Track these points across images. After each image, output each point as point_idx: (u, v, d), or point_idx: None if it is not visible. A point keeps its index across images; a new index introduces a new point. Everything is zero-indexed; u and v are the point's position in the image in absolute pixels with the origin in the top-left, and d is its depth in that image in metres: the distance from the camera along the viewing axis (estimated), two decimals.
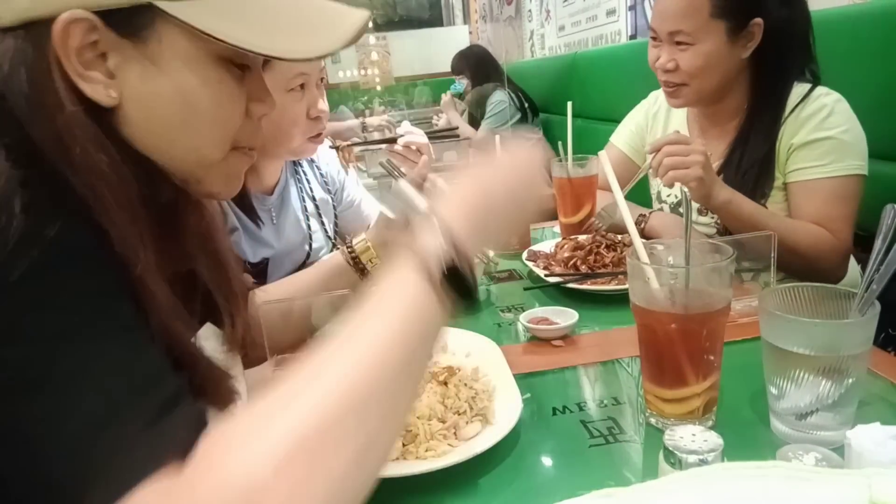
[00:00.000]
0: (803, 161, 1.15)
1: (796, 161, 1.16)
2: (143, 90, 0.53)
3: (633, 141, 1.52)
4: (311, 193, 1.51)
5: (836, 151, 1.13)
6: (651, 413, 0.71)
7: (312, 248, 1.47)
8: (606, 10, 3.00)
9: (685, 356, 0.66)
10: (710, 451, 0.53)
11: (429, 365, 0.58)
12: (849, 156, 1.13)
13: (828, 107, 1.14)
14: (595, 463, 0.66)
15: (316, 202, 1.51)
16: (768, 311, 0.64)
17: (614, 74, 2.49)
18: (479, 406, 0.71)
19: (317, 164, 1.54)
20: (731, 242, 0.71)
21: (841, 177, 1.13)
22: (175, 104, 0.55)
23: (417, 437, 0.67)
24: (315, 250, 1.48)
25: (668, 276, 0.68)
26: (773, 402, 0.67)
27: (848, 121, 1.14)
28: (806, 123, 1.15)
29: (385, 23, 5.91)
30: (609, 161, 0.86)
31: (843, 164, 1.13)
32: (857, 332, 0.61)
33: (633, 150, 1.52)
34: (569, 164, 1.40)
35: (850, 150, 1.13)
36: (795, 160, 1.17)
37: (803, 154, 1.15)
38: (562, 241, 1.27)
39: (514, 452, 0.68)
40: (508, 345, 0.94)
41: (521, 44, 4.61)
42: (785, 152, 1.18)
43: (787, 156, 1.18)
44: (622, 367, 0.86)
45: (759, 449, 0.64)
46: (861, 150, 1.14)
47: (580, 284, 1.10)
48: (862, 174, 1.14)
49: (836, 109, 1.14)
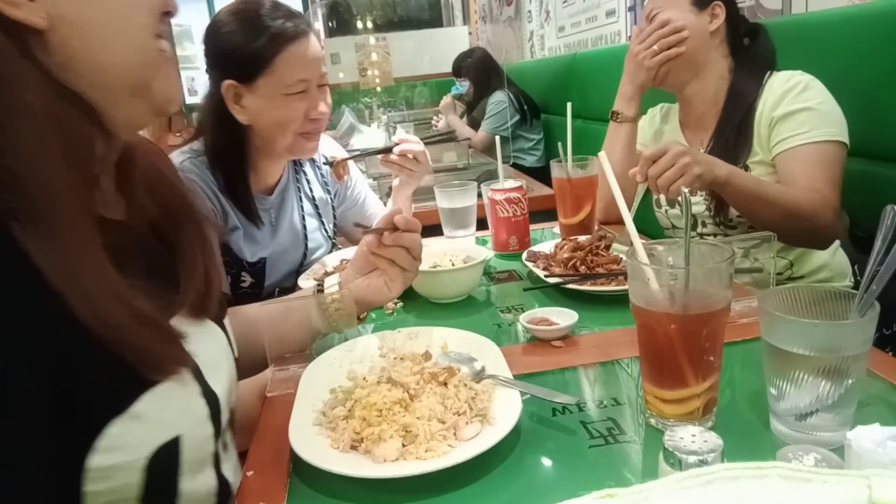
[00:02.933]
0: (785, 131, 1.23)
1: (779, 132, 1.24)
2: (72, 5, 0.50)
3: (643, 139, 1.58)
4: (311, 194, 1.50)
5: (814, 119, 1.20)
6: (651, 413, 0.71)
7: (309, 248, 1.46)
8: (606, 10, 3.00)
9: (685, 357, 0.66)
10: (709, 451, 0.53)
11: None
12: (826, 123, 1.20)
13: (803, 83, 1.24)
14: (595, 463, 0.66)
15: (315, 202, 1.51)
16: (768, 311, 0.64)
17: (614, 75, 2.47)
18: (479, 406, 0.71)
19: (318, 163, 1.53)
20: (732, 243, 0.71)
21: (822, 142, 1.19)
22: (111, 8, 0.52)
23: (417, 437, 0.67)
24: (311, 250, 1.47)
25: (667, 276, 0.68)
26: (773, 402, 0.67)
27: (822, 94, 1.23)
28: (784, 97, 1.24)
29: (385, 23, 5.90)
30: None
31: (822, 130, 1.20)
32: (857, 332, 0.61)
33: (643, 147, 1.55)
34: (568, 165, 1.40)
35: (828, 119, 1.21)
36: (778, 131, 1.24)
37: (785, 125, 1.23)
38: (561, 241, 1.27)
39: (514, 452, 0.68)
40: (508, 345, 0.94)
41: (520, 45, 4.61)
42: (767, 127, 1.26)
43: (769, 130, 1.26)
44: (622, 367, 0.86)
45: (759, 449, 0.64)
46: (838, 120, 1.21)
47: (580, 285, 1.10)
48: (841, 140, 1.20)
49: (810, 85, 1.24)
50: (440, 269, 1.13)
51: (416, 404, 0.72)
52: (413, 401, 0.73)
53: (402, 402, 0.72)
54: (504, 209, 1.39)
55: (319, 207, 1.52)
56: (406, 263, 0.95)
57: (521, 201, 1.40)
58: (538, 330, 0.94)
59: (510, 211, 1.38)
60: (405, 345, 0.89)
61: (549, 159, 1.75)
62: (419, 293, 1.15)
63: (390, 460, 0.65)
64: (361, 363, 0.85)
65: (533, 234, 1.47)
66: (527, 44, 4.47)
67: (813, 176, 1.19)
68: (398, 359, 0.84)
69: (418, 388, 0.75)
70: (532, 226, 1.46)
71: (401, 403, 0.72)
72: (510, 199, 1.38)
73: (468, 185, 1.46)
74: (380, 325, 1.00)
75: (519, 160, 3.50)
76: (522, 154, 3.53)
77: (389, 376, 0.77)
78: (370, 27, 5.65)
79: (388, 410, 0.71)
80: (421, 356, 0.83)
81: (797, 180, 1.20)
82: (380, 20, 5.93)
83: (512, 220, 1.39)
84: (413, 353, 0.84)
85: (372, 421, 0.70)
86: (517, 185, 1.40)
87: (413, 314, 1.12)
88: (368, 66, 5.33)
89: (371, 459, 0.66)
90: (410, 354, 0.84)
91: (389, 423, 0.69)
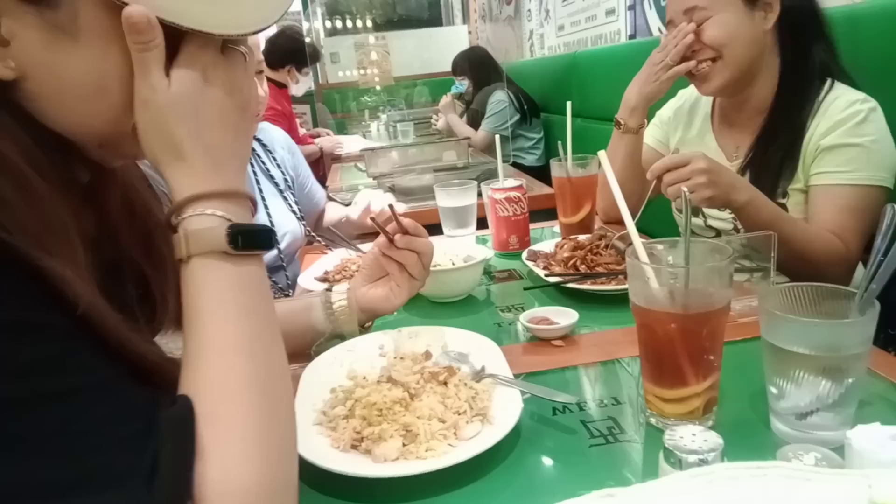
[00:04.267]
0: (828, 165, 1.13)
1: (821, 164, 1.14)
2: (50, 62, 0.47)
3: (658, 134, 1.51)
4: (268, 172, 1.50)
5: (861, 159, 1.10)
6: (651, 413, 0.71)
7: (273, 228, 1.46)
8: (606, 9, 3.00)
9: (685, 356, 0.66)
10: (710, 451, 0.53)
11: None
12: (874, 166, 1.11)
13: (862, 113, 1.12)
14: (595, 463, 0.66)
15: (275, 181, 1.51)
16: (768, 310, 0.64)
17: (614, 74, 2.48)
18: (479, 406, 0.71)
19: (265, 142, 1.54)
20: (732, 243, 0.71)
21: (863, 186, 1.10)
22: (89, 78, 0.49)
23: (418, 437, 0.67)
24: (280, 231, 1.46)
25: (667, 275, 0.68)
26: (774, 401, 0.67)
27: (879, 131, 1.12)
28: (837, 127, 1.12)
29: (384, 22, 5.90)
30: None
31: (866, 172, 1.10)
32: (858, 331, 0.61)
33: (659, 142, 1.51)
34: (568, 164, 1.40)
35: (876, 160, 1.11)
36: (820, 163, 1.14)
37: (829, 157, 1.13)
38: (561, 240, 1.27)
39: (514, 452, 0.68)
40: (509, 345, 0.94)
41: (520, 43, 4.61)
42: (812, 153, 1.15)
43: (813, 157, 1.15)
44: (622, 366, 0.86)
45: (759, 449, 0.64)
46: (888, 163, 1.12)
47: (580, 284, 1.10)
48: (885, 186, 1.11)
49: (869, 118, 1.12)
50: (440, 268, 1.13)
51: (417, 404, 0.72)
52: (413, 400, 0.73)
53: (402, 401, 0.72)
54: (504, 208, 1.38)
55: (279, 185, 1.50)
56: (415, 270, 0.93)
57: (520, 200, 1.39)
58: (538, 329, 0.94)
59: (510, 210, 1.38)
60: (405, 344, 0.89)
61: (550, 158, 1.74)
62: (419, 292, 1.15)
63: (390, 460, 0.65)
64: (362, 363, 0.85)
65: (533, 234, 1.47)
66: (526, 43, 4.47)
67: (843, 224, 1.10)
68: (398, 358, 0.84)
69: (418, 388, 0.75)
70: (532, 225, 1.46)
71: (401, 403, 0.72)
72: (510, 199, 1.38)
73: (468, 184, 1.46)
74: (380, 325, 1.00)
75: (519, 159, 3.50)
76: (522, 153, 3.54)
77: (390, 376, 0.77)
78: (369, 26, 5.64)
79: (388, 410, 0.71)
80: (421, 355, 0.83)
81: (825, 222, 1.11)
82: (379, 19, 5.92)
83: (512, 219, 1.39)
84: (413, 352, 0.84)
85: (372, 420, 0.70)
86: (517, 185, 1.40)
87: (413, 313, 1.12)
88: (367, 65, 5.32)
89: (371, 459, 0.66)
90: (411, 354, 0.84)
91: (390, 422, 0.69)
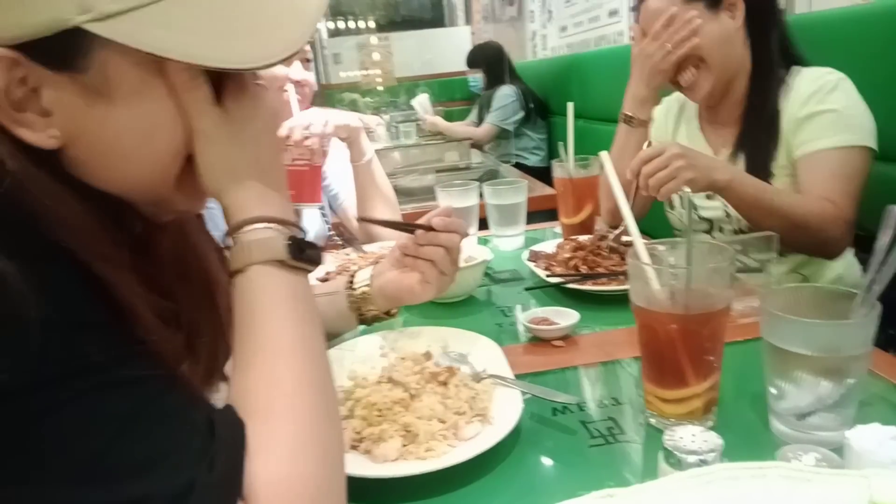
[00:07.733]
0: (808, 134, 1.16)
1: (801, 135, 1.17)
2: (90, 125, 0.46)
3: (658, 135, 1.51)
4: None
5: (839, 123, 1.13)
6: (651, 413, 0.71)
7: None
8: (608, 10, 3.00)
9: (685, 357, 0.66)
10: (710, 451, 0.53)
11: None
12: (852, 128, 1.13)
13: (832, 83, 1.16)
14: (595, 463, 0.66)
15: None
16: (769, 311, 0.64)
17: (616, 75, 2.47)
18: (479, 406, 0.71)
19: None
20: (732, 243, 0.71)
21: (844, 148, 1.12)
22: (131, 134, 0.48)
23: (418, 437, 0.67)
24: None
25: (668, 276, 0.68)
26: (774, 402, 0.66)
27: (850, 97, 1.15)
28: (810, 98, 1.16)
29: (387, 23, 5.91)
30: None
31: (845, 135, 1.13)
32: (858, 332, 0.61)
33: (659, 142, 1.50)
34: (570, 165, 1.40)
35: (854, 123, 1.13)
36: (800, 134, 1.17)
37: (808, 127, 1.16)
38: (563, 241, 1.27)
39: (514, 452, 0.68)
40: (509, 345, 0.94)
41: (522, 44, 4.61)
42: (792, 129, 1.19)
43: (793, 132, 1.19)
44: (622, 367, 0.86)
45: (759, 449, 0.64)
46: (865, 124, 1.14)
47: (581, 285, 1.10)
48: (866, 146, 1.13)
49: (839, 86, 1.15)
50: None
51: (417, 404, 0.72)
52: (413, 400, 0.73)
53: (402, 401, 0.72)
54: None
55: None
56: (445, 266, 0.86)
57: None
58: (539, 329, 0.94)
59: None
60: (406, 344, 0.89)
61: (552, 159, 1.74)
62: None
63: (391, 460, 0.65)
64: (362, 363, 0.85)
65: (535, 234, 1.47)
66: (529, 43, 4.48)
67: (830, 185, 1.12)
68: (399, 358, 0.84)
69: (419, 388, 0.75)
70: (534, 225, 1.46)
71: (401, 403, 0.72)
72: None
73: (469, 184, 1.46)
74: (380, 325, 1.00)
75: (522, 159, 3.50)
76: (525, 153, 3.53)
77: (390, 376, 0.78)
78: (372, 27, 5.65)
79: (388, 410, 0.71)
80: (421, 356, 0.83)
81: (813, 188, 1.13)
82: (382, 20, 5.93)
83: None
84: (414, 352, 0.84)
85: (372, 420, 0.70)
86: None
87: (414, 313, 1.12)
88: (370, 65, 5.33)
89: (371, 459, 0.66)
90: (411, 354, 0.84)
91: (390, 422, 0.69)
